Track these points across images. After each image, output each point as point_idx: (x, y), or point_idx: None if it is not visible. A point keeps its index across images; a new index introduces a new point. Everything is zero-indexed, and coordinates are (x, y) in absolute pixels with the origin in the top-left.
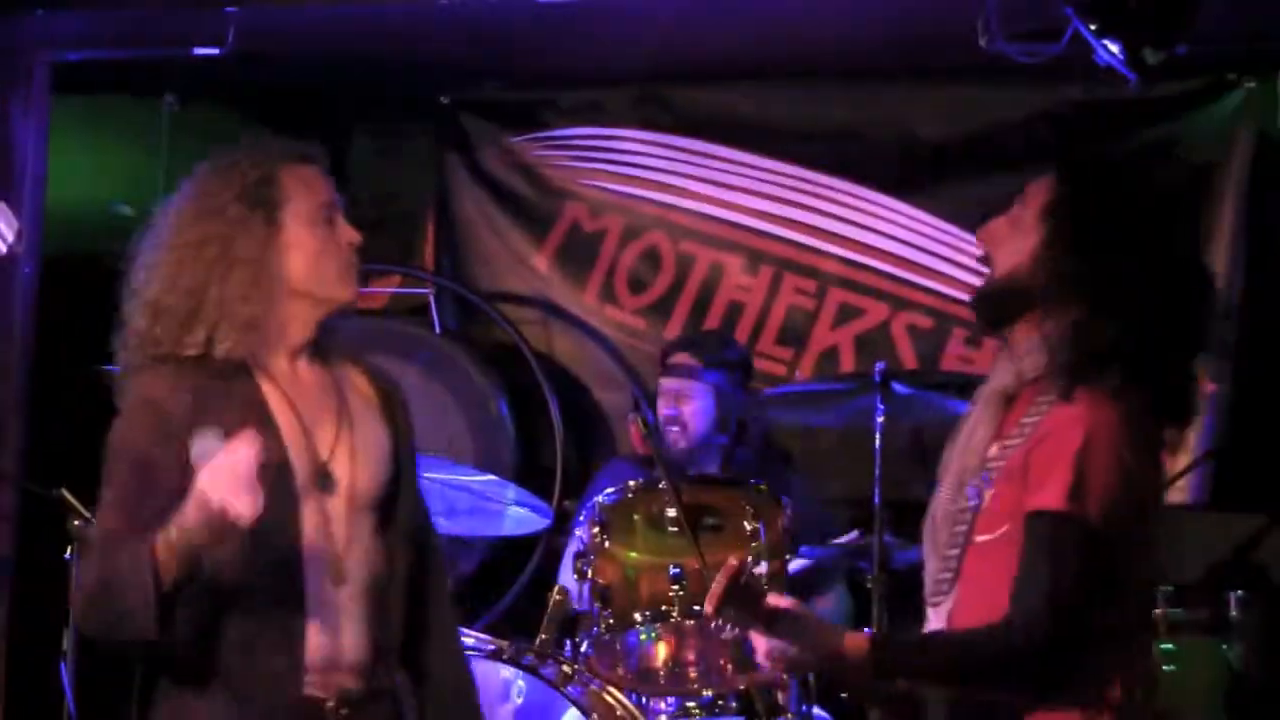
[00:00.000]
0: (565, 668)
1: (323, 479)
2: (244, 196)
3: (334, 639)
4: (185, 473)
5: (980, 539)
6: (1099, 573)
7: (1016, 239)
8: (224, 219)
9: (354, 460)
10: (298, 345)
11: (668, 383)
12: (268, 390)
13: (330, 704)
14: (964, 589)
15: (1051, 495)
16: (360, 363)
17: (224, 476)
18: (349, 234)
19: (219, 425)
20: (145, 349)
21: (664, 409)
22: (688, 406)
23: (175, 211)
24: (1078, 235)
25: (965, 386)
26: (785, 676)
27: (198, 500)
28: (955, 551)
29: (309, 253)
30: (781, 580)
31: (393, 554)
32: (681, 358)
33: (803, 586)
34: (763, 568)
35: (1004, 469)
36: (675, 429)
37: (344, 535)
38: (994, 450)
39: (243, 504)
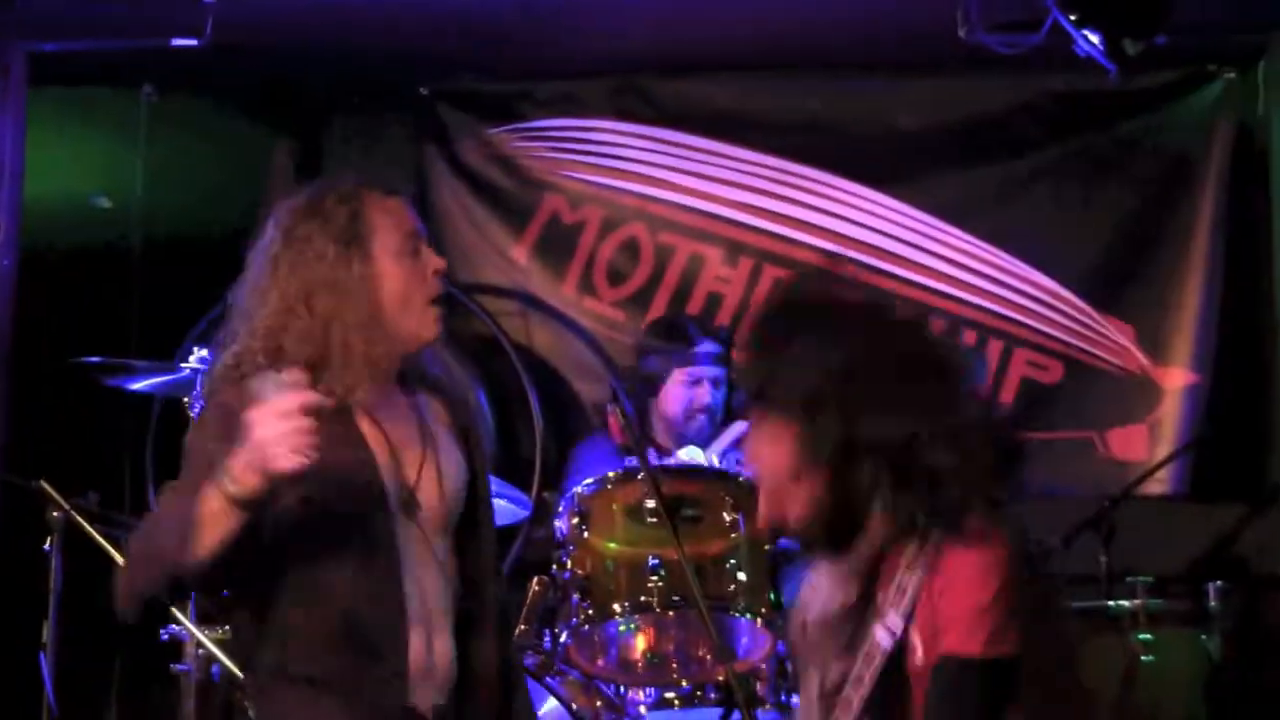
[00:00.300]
0: (545, 658)
1: (410, 502)
2: (339, 237)
3: (429, 654)
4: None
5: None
6: (1011, 699)
7: (792, 486)
8: (326, 264)
9: (438, 484)
10: (387, 375)
11: (706, 370)
12: (359, 417)
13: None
14: None
15: (967, 641)
16: (438, 388)
17: (271, 419)
18: (435, 262)
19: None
20: (244, 369)
21: (702, 398)
22: (720, 394)
23: (271, 255)
24: (842, 420)
25: None
26: (764, 666)
27: (246, 440)
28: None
29: (396, 286)
30: (763, 566)
31: (474, 576)
32: (709, 344)
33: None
34: None
35: (917, 616)
36: (704, 416)
37: (432, 556)
38: (882, 598)
39: (284, 450)
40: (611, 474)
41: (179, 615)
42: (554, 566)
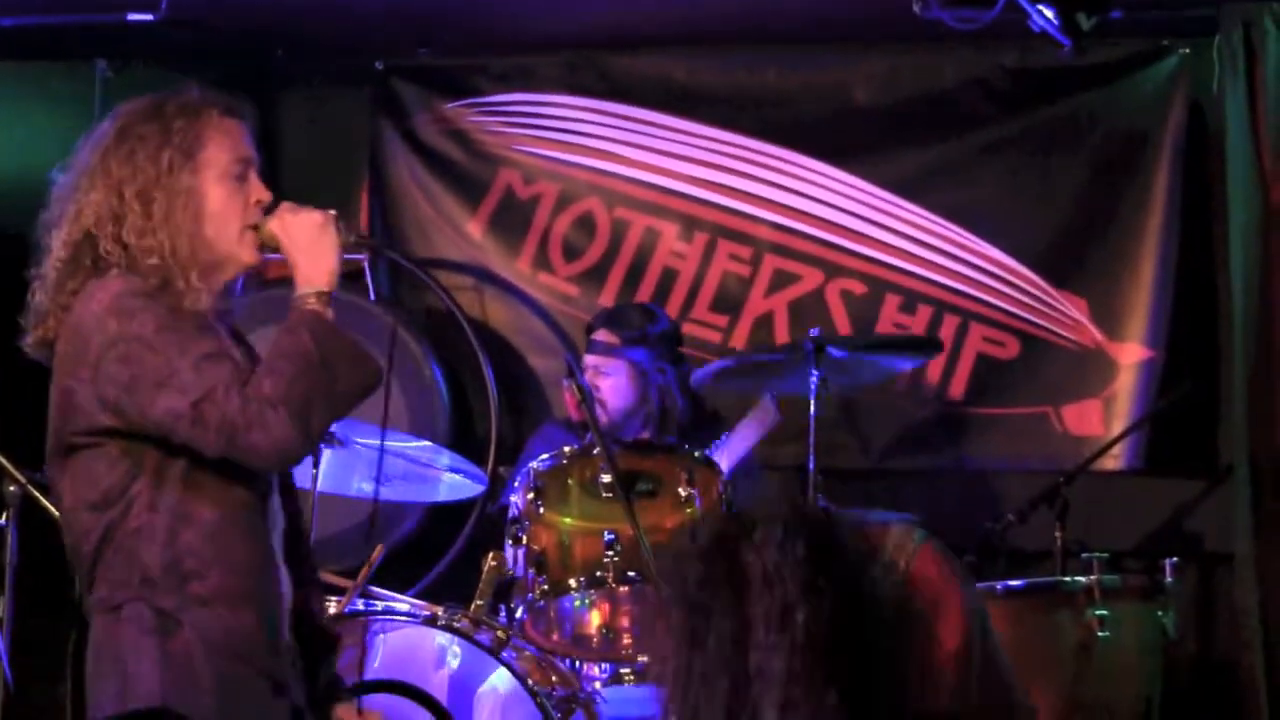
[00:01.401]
0: (500, 633)
1: None
2: (173, 143)
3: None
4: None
5: None
6: None
7: None
8: (157, 168)
9: None
10: (214, 296)
11: (588, 358)
12: (219, 330)
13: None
14: None
15: None
16: (236, 333)
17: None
18: (259, 193)
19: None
20: (80, 260)
21: (590, 383)
22: (606, 382)
23: (103, 147)
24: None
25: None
26: None
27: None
28: None
29: (215, 207)
30: None
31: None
32: (602, 334)
33: None
34: None
35: None
36: (596, 403)
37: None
38: None
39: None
40: (567, 449)
41: None
42: (509, 542)
